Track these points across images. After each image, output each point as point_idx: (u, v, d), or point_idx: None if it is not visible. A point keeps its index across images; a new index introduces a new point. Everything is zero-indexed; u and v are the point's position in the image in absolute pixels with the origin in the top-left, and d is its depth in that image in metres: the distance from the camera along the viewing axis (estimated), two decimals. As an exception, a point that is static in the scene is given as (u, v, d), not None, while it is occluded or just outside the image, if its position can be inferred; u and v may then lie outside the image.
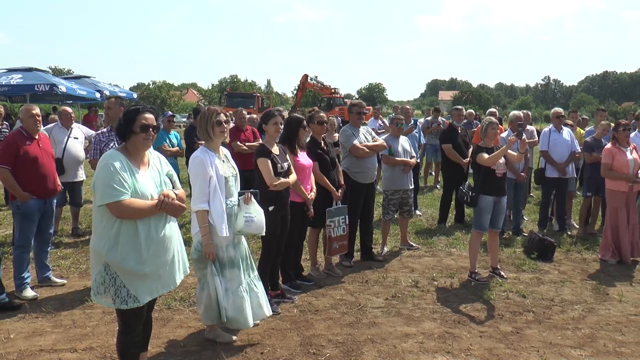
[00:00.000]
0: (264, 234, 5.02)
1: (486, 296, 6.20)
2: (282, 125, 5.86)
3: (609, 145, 7.81)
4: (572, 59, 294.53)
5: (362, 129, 7.42)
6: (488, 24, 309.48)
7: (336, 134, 8.58)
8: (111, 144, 5.95)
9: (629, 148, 7.72)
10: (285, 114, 8.01)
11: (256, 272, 5.06)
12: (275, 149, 5.65)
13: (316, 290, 6.30)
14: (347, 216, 6.84)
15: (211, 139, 4.67)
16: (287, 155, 5.80)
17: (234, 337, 4.94)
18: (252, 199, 4.80)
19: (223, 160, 4.74)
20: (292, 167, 5.75)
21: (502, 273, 6.91)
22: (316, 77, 50.77)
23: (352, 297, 6.08)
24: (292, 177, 5.70)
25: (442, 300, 6.04)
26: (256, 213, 4.79)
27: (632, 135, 8.37)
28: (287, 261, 6.28)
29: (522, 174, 8.80)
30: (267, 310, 5.01)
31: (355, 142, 7.09)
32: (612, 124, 9.12)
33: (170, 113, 10.05)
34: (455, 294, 6.27)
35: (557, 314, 5.74)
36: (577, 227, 9.50)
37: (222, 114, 4.70)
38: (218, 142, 4.75)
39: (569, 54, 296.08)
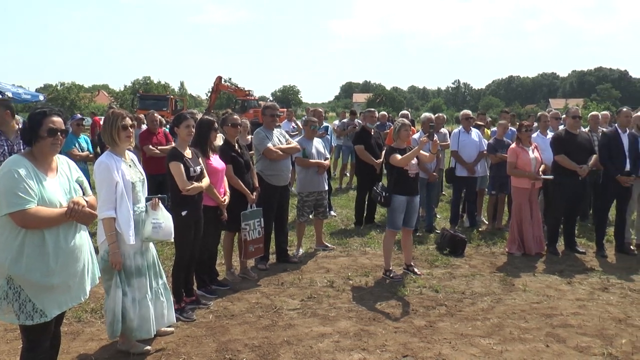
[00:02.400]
0: (172, 240, 4.93)
1: (400, 292, 6.34)
2: (194, 128, 5.77)
3: (513, 145, 8.18)
4: (480, 64, 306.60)
5: (275, 131, 7.42)
6: (400, 29, 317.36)
7: (249, 136, 8.54)
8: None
9: (531, 147, 8.11)
10: (199, 116, 7.90)
11: (164, 280, 4.95)
12: (188, 153, 5.54)
13: (232, 294, 6.23)
14: (262, 219, 6.81)
15: (117, 144, 4.52)
16: (200, 159, 5.71)
17: (148, 347, 4.80)
18: (160, 204, 4.69)
19: (130, 165, 4.60)
20: (205, 171, 5.67)
21: (416, 269, 7.09)
22: (230, 79, 50.09)
23: (268, 300, 6.06)
24: (205, 181, 5.61)
25: (357, 299, 6.12)
26: (164, 219, 4.68)
27: (534, 135, 8.80)
28: (202, 266, 6.18)
29: (434, 173, 9.09)
30: (169, 320, 4.93)
31: (269, 144, 7.08)
32: (510, 124, 9.64)
33: (79, 116, 9.71)
34: (370, 292, 6.37)
35: (467, 306, 5.96)
36: (486, 223, 9.90)
37: (127, 118, 4.55)
38: (124, 147, 4.60)
39: (477, 59, 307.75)
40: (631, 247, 8.43)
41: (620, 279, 7.06)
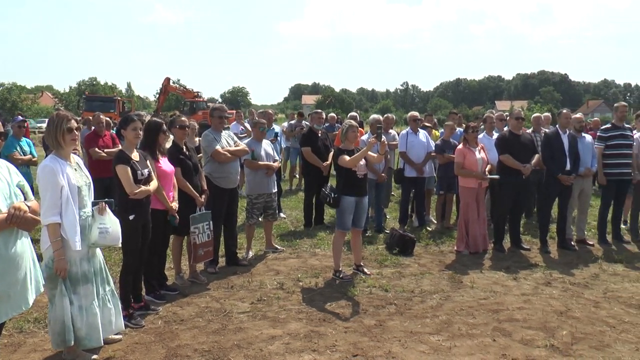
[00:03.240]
0: (120, 245, 4.84)
1: (350, 293, 6.39)
2: (142, 131, 5.67)
3: (460, 146, 8.35)
4: (429, 67, 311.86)
5: (224, 133, 7.36)
6: (349, 31, 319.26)
7: (198, 139, 8.45)
8: None
9: (477, 148, 8.29)
10: (147, 118, 7.79)
11: (111, 286, 4.85)
12: (135, 155, 5.44)
13: (181, 299, 6.15)
14: (211, 222, 6.73)
15: (62, 147, 4.40)
16: (148, 162, 5.61)
17: (95, 356, 4.68)
18: (107, 208, 4.59)
19: (75, 169, 4.48)
20: (153, 174, 5.58)
21: (366, 269, 7.14)
22: (179, 80, 49.50)
23: (217, 304, 6.01)
24: (153, 184, 5.52)
25: (307, 300, 6.13)
26: (111, 223, 4.58)
27: (480, 136, 9.00)
28: (151, 271, 6.07)
29: (383, 174, 9.18)
30: (117, 327, 4.84)
31: (217, 147, 7.02)
32: (456, 125, 9.84)
33: (21, 118, 9.43)
34: (320, 293, 6.40)
35: (417, 304, 6.04)
36: (435, 222, 10.06)
37: (72, 121, 4.44)
38: (69, 150, 4.49)
39: (425, 62, 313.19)
40: (572, 242, 8.73)
41: (562, 273, 7.31)
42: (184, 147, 6.59)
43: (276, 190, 8.21)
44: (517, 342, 5.11)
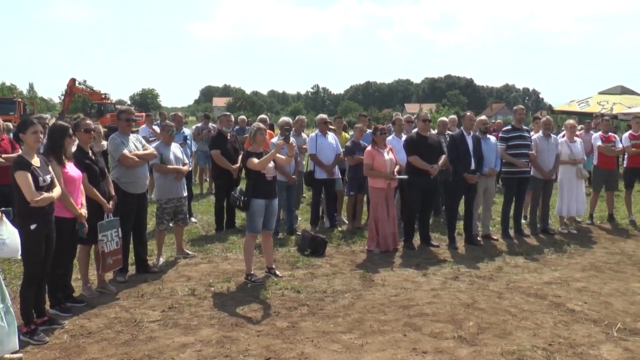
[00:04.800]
0: (19, 257, 4.60)
1: (262, 296, 6.37)
2: (43, 134, 5.41)
3: (369, 148, 8.50)
4: (339, 70, 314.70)
5: (131, 136, 7.16)
6: (259, 33, 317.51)
7: (104, 142, 8.19)
8: None
9: (386, 150, 8.47)
10: (52, 121, 7.46)
11: (7, 302, 4.59)
12: (36, 160, 5.18)
13: (89, 310, 5.91)
14: (119, 229, 6.52)
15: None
16: (50, 167, 5.36)
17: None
18: (4, 218, 4.36)
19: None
20: (56, 180, 5.33)
21: (277, 272, 7.14)
22: (85, 81, 47.50)
23: (127, 314, 5.82)
24: (57, 191, 5.27)
25: (219, 306, 6.06)
26: (9, 234, 4.36)
27: (389, 138, 9.21)
28: (55, 283, 5.80)
29: (294, 176, 9.21)
30: (10, 348, 4.56)
31: (125, 151, 6.81)
32: (365, 127, 10.03)
33: None
34: (232, 298, 6.34)
35: (329, 304, 6.10)
36: (346, 222, 10.19)
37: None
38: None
39: (335, 65, 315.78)
40: (478, 238, 9.09)
41: (469, 267, 7.62)
42: (90, 151, 6.36)
43: (186, 194, 8.08)
44: (426, 335, 5.26)
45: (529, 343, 5.10)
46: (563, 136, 10.37)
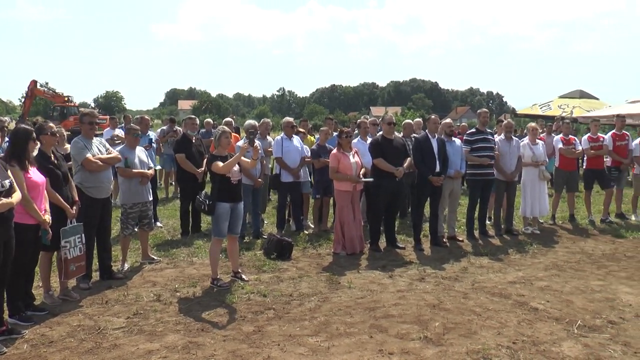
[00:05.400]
0: None
1: (228, 300, 6.33)
2: (2, 138, 5.29)
3: (334, 151, 8.52)
4: (305, 73, 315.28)
5: (95, 140, 7.05)
6: (224, 35, 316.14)
7: (67, 146, 8.05)
8: None
9: (351, 152, 8.50)
10: (12, 124, 7.30)
11: None
12: (-9, 165, 5.08)
13: (50, 319, 5.78)
14: (83, 235, 6.41)
15: None
16: (10, 172, 5.25)
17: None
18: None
19: None
20: (15, 185, 5.22)
21: (244, 276, 7.11)
22: (47, 83, 46.48)
23: (91, 321, 5.71)
24: (16, 196, 5.15)
25: (184, 311, 6.00)
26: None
27: (354, 141, 9.25)
28: (16, 291, 5.64)
29: (259, 179, 9.18)
30: None
31: (88, 154, 6.71)
32: (331, 130, 10.06)
33: None
34: (198, 303, 6.28)
35: (295, 308, 6.10)
36: (312, 226, 10.20)
37: None
38: None
39: (301, 68, 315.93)
40: (444, 239, 9.19)
41: (434, 269, 7.68)
42: (52, 155, 6.24)
43: (152, 198, 7.99)
44: (393, 336, 5.30)
45: (494, 342, 5.18)
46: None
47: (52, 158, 6.21)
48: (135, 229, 7.84)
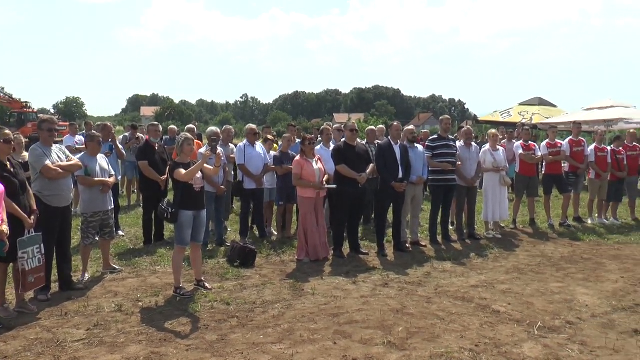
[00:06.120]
0: None
1: (191, 309, 6.27)
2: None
3: (297, 158, 8.53)
4: (268, 80, 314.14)
5: (54, 147, 6.90)
6: (187, 42, 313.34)
7: (25, 153, 7.88)
8: None
9: (314, 159, 8.52)
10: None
11: None
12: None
13: (6, 333, 5.60)
14: (41, 245, 6.26)
15: None
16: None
17: None
18: None
19: None
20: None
21: (207, 284, 7.05)
22: (3, 88, 45.81)
23: (49, 334, 5.57)
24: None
25: (147, 321, 5.91)
26: None
27: (317, 147, 9.28)
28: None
29: (222, 186, 9.13)
30: None
31: (47, 162, 6.57)
32: (294, 137, 10.06)
33: None
34: (160, 312, 6.20)
35: (259, 315, 6.07)
36: (275, 233, 10.18)
37: None
38: None
39: (264, 75, 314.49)
40: (407, 245, 9.28)
41: (398, 274, 7.75)
42: (8, 163, 6.10)
43: (113, 207, 7.88)
44: (357, 342, 5.31)
45: (457, 345, 5.25)
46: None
47: (9, 166, 6.07)
48: (97, 238, 7.71)
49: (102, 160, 7.67)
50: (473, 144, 10.30)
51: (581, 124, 13.82)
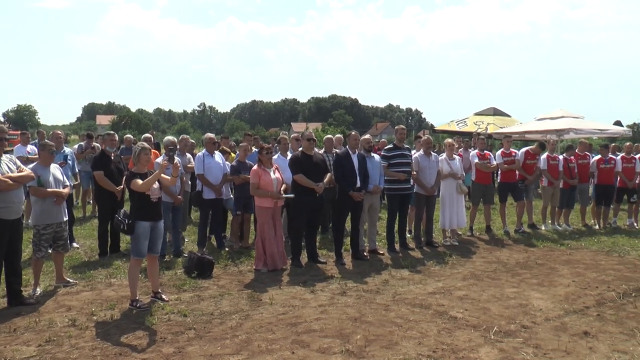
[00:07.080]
0: None
1: (148, 322, 6.16)
2: None
3: (255, 167, 8.51)
4: (225, 88, 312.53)
5: (4, 157, 6.71)
6: (144, 49, 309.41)
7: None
8: None
9: (272, 169, 8.51)
10: None
11: None
12: None
13: (-51, 351, 5.41)
14: (-11, 259, 6.11)
15: None
16: None
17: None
18: None
19: None
20: None
21: (164, 296, 6.95)
22: (-51, 96, 44.53)
23: (-4, 352, 5.40)
24: None
25: (102, 335, 5.78)
26: None
27: (275, 157, 9.26)
28: None
29: (179, 197, 9.03)
30: None
31: (-4, 173, 6.41)
32: (251, 146, 10.05)
33: None
34: (116, 326, 6.07)
35: (216, 326, 6.02)
36: (235, 242, 10.11)
37: None
38: None
39: (221, 83, 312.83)
40: (365, 253, 9.34)
41: (356, 282, 7.78)
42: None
43: (67, 218, 7.69)
44: (315, 351, 5.32)
45: (415, 352, 5.30)
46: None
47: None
48: (49, 251, 7.52)
49: (55, 170, 7.49)
50: (433, 153, 10.44)
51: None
